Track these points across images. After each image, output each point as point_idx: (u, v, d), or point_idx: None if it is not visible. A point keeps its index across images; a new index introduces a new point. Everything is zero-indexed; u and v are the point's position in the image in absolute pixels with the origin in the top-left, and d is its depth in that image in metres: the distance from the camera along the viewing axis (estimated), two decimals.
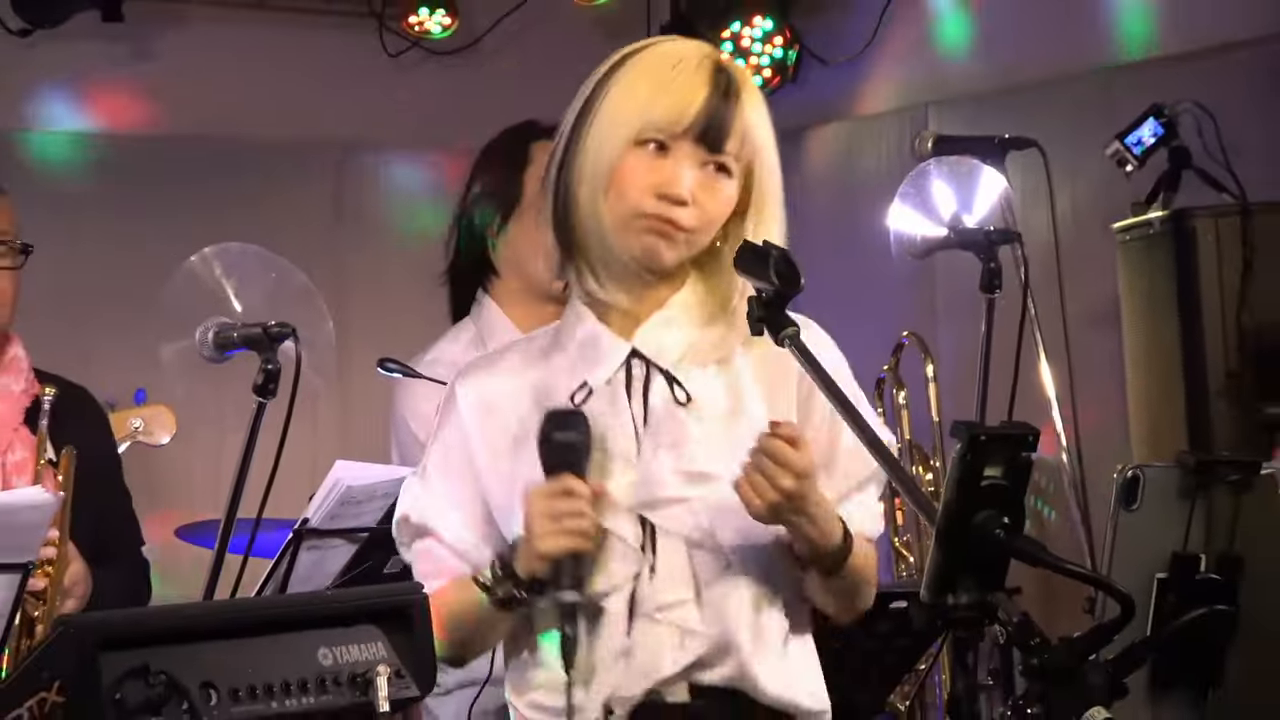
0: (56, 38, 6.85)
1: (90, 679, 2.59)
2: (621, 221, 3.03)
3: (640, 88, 3.07)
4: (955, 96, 7.11)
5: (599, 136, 3.06)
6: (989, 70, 7.14)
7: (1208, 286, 5.75)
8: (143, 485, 4.76)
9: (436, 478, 3.15)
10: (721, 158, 3.05)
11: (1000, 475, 2.65)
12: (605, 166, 3.04)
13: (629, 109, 3.05)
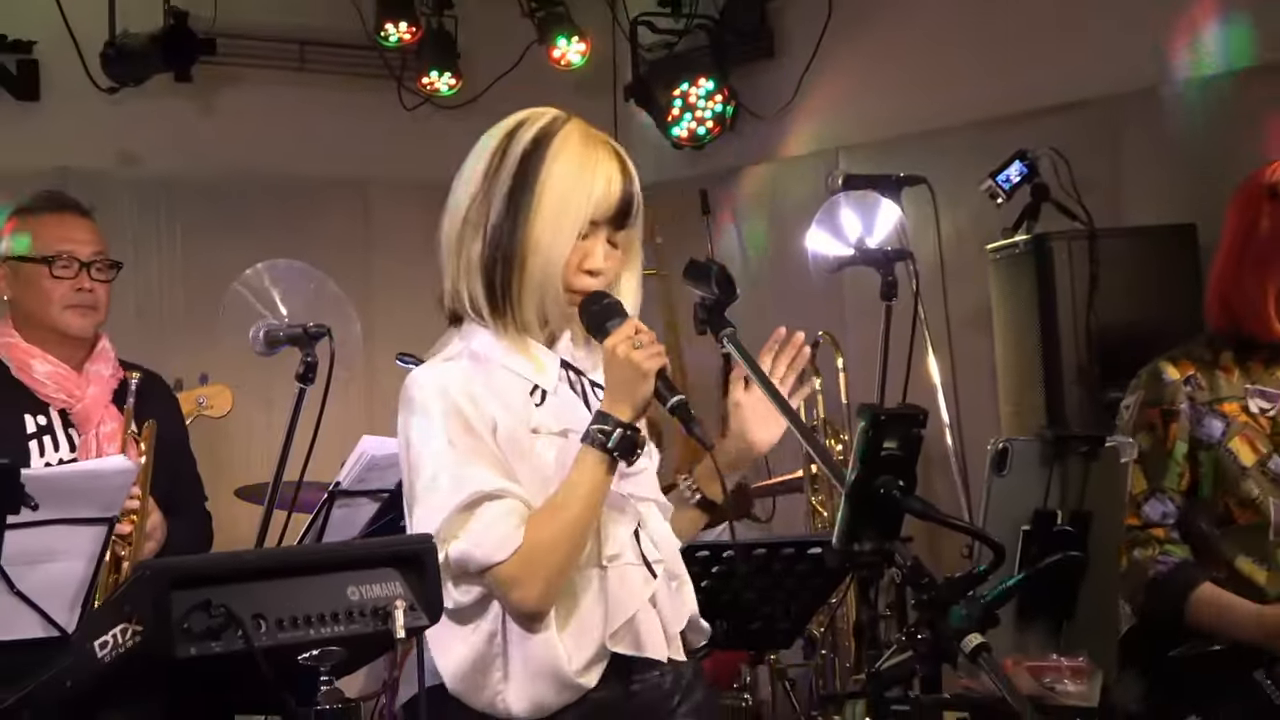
0: (139, 94, 6.81)
1: (162, 612, 2.56)
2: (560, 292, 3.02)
3: (578, 182, 3.04)
4: (860, 143, 7.10)
5: (550, 222, 3.02)
6: (888, 121, 7.12)
7: (1062, 296, 5.74)
8: (208, 454, 4.74)
9: (465, 455, 3.00)
10: (622, 234, 3.07)
11: (896, 447, 2.66)
12: (560, 252, 3.00)
13: (574, 204, 3.02)
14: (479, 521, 2.95)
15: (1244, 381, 3.70)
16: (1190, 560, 3.69)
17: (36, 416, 4.40)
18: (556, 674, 3.00)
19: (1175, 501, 3.72)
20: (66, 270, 4.40)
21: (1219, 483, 3.69)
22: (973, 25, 6.86)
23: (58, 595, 3.83)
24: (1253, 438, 3.68)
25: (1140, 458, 3.74)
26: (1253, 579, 3.67)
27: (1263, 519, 3.66)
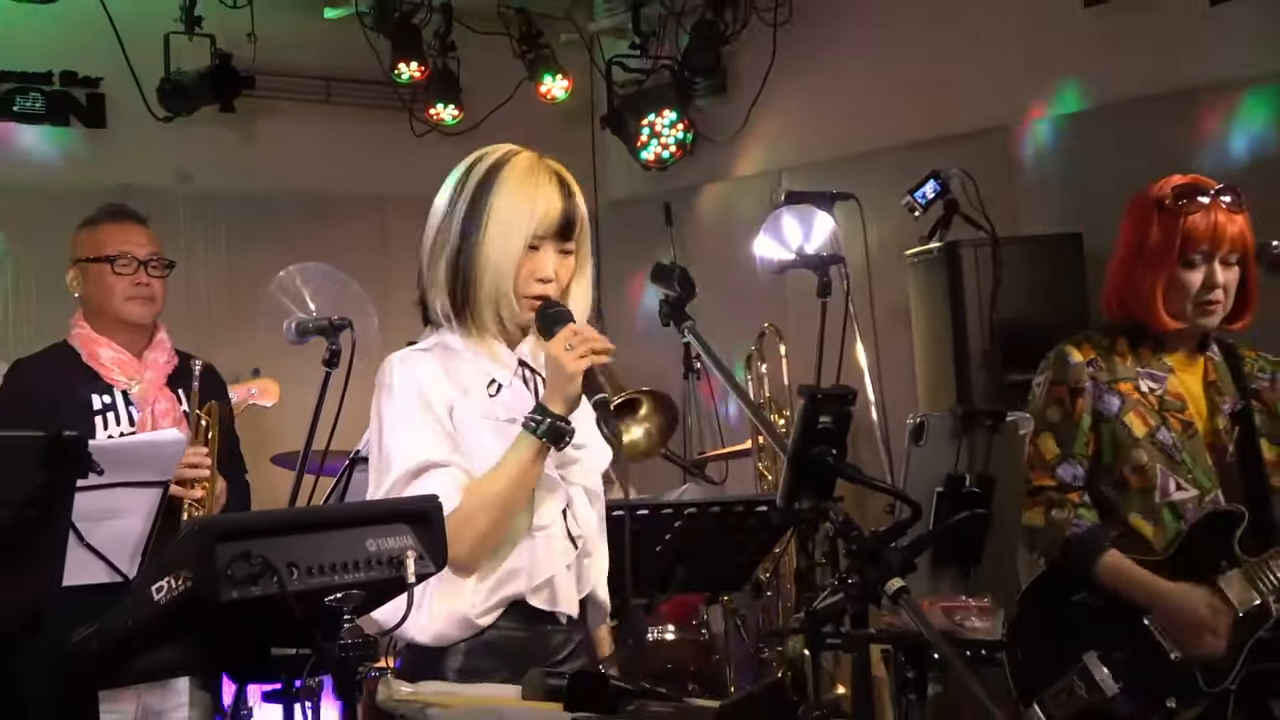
0: (189, 123, 6.78)
1: (209, 561, 2.55)
2: (512, 298, 3.05)
3: (520, 206, 3.06)
4: (800, 164, 7.09)
5: (497, 243, 3.06)
6: (823, 146, 7.12)
7: (969, 294, 5.73)
8: (250, 427, 4.75)
9: (419, 428, 3.07)
10: (569, 245, 3.07)
11: (830, 421, 2.65)
12: (507, 267, 3.04)
13: (516, 225, 3.05)
14: (423, 485, 2.99)
15: (1135, 365, 3.69)
16: (1100, 525, 3.67)
17: (101, 396, 4.39)
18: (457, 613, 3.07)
19: (1083, 466, 3.70)
20: (126, 268, 4.41)
21: (1116, 451, 3.68)
22: (895, 66, 6.85)
23: (121, 547, 3.82)
24: (1143, 413, 3.66)
25: (1052, 428, 3.73)
26: (1142, 533, 3.66)
27: (1151, 483, 3.65)
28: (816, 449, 2.64)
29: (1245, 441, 3.68)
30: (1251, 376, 3.74)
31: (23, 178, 6.59)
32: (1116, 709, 3.62)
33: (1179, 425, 3.66)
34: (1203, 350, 3.74)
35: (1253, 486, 3.65)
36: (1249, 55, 5.68)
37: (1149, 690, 3.61)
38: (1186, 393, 3.70)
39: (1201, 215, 3.58)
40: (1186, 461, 3.65)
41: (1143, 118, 5.95)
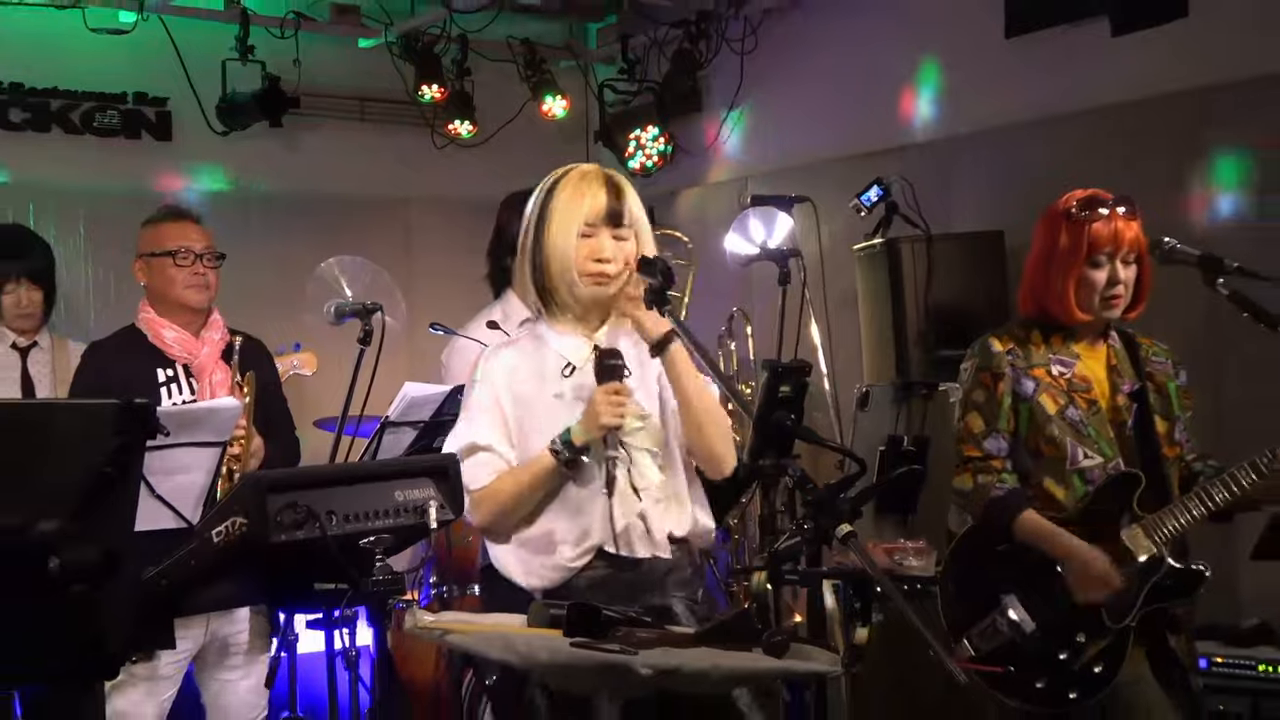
0: (243, 136, 6.77)
1: (261, 509, 2.54)
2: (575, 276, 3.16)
3: (573, 202, 3.18)
4: (763, 172, 7.08)
5: (558, 233, 3.17)
6: (783, 156, 7.12)
7: (907, 282, 5.74)
8: (295, 395, 4.74)
9: (480, 416, 3.17)
10: (623, 231, 3.16)
11: (790, 390, 2.66)
12: (568, 250, 3.15)
13: (571, 216, 3.17)
14: (471, 461, 3.13)
15: (1048, 353, 3.73)
16: (1019, 488, 3.70)
17: (166, 369, 4.40)
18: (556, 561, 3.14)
19: (1005, 439, 3.73)
20: (185, 260, 4.43)
21: (1032, 426, 3.71)
22: (845, 88, 6.82)
23: (185, 498, 3.83)
24: (1054, 394, 3.69)
25: (978, 407, 3.76)
26: (1055, 495, 3.69)
27: (1062, 453, 3.68)
28: (777, 414, 2.66)
29: (1141, 417, 3.72)
30: (1146, 360, 3.78)
31: (101, 184, 6.57)
32: (1032, 643, 3.65)
33: (1085, 404, 3.70)
34: (1105, 339, 3.78)
35: (1148, 455, 3.70)
36: (1147, 79, 5.68)
37: (1061, 627, 3.63)
38: (1091, 376, 3.74)
39: (1103, 223, 3.64)
40: (1092, 434, 3.69)
41: (1055, 134, 5.95)
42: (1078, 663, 3.61)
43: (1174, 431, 3.74)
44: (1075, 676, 3.61)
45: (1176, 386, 3.78)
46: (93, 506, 2.29)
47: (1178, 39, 5.58)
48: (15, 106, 6.48)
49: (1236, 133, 5.40)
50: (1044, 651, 3.63)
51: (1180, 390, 3.79)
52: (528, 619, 2.78)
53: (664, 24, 7.34)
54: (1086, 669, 3.60)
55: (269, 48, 6.75)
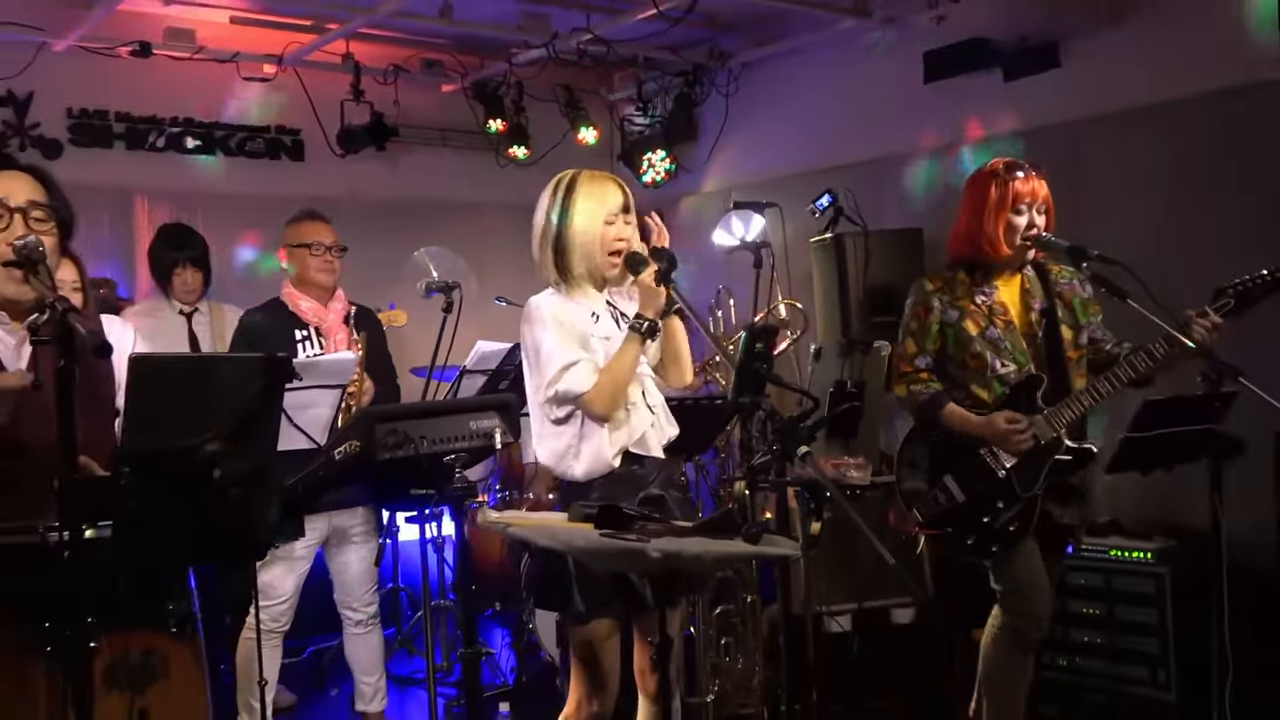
0: (358, 158, 6.76)
1: (371, 434, 2.53)
2: (601, 257, 3.12)
3: (596, 198, 3.14)
4: (743, 184, 7.07)
5: (584, 222, 3.12)
6: (758, 172, 7.10)
7: (850, 266, 5.73)
8: (397, 350, 4.72)
9: (559, 341, 3.08)
10: (630, 216, 3.13)
11: (763, 347, 2.63)
12: (594, 236, 3.12)
13: (597, 210, 3.13)
14: (572, 373, 3.05)
15: (971, 287, 3.68)
16: (942, 390, 3.67)
17: (301, 330, 4.40)
18: (600, 458, 3.08)
19: (931, 355, 3.69)
20: (318, 251, 4.43)
21: (959, 345, 3.66)
22: (804, 121, 6.81)
23: (316, 426, 3.83)
24: (976, 318, 3.64)
25: (912, 334, 3.72)
26: (980, 396, 3.64)
27: (984, 365, 3.63)
28: (754, 364, 2.64)
29: (1049, 330, 3.66)
30: (1055, 283, 3.72)
31: (251, 193, 6.56)
32: (963, 508, 3.65)
33: (1002, 324, 3.65)
34: (1020, 270, 3.72)
35: (1054, 361, 3.64)
36: (1031, 115, 5.67)
37: (985, 496, 3.62)
38: (1007, 300, 3.68)
39: (1023, 181, 3.61)
40: (1008, 347, 3.63)
41: (960, 156, 5.93)
42: (997, 523, 3.58)
43: (1080, 336, 3.66)
44: (996, 534, 3.59)
45: (1080, 299, 3.70)
46: (246, 432, 2.29)
47: (1053, 83, 5.61)
48: (188, 135, 6.48)
49: (1101, 152, 5.40)
50: (972, 516, 3.61)
51: (1084, 301, 3.70)
52: (568, 516, 2.79)
53: (669, 74, 7.32)
54: (1004, 528, 3.58)
55: (376, 92, 6.74)
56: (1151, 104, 5.22)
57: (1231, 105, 4.94)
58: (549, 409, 3.08)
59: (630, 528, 2.60)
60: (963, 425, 3.61)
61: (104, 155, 6.23)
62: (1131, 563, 4.56)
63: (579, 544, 2.54)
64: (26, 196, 2.57)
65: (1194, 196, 5.08)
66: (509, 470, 5.15)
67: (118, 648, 2.33)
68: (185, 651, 2.43)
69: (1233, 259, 4.69)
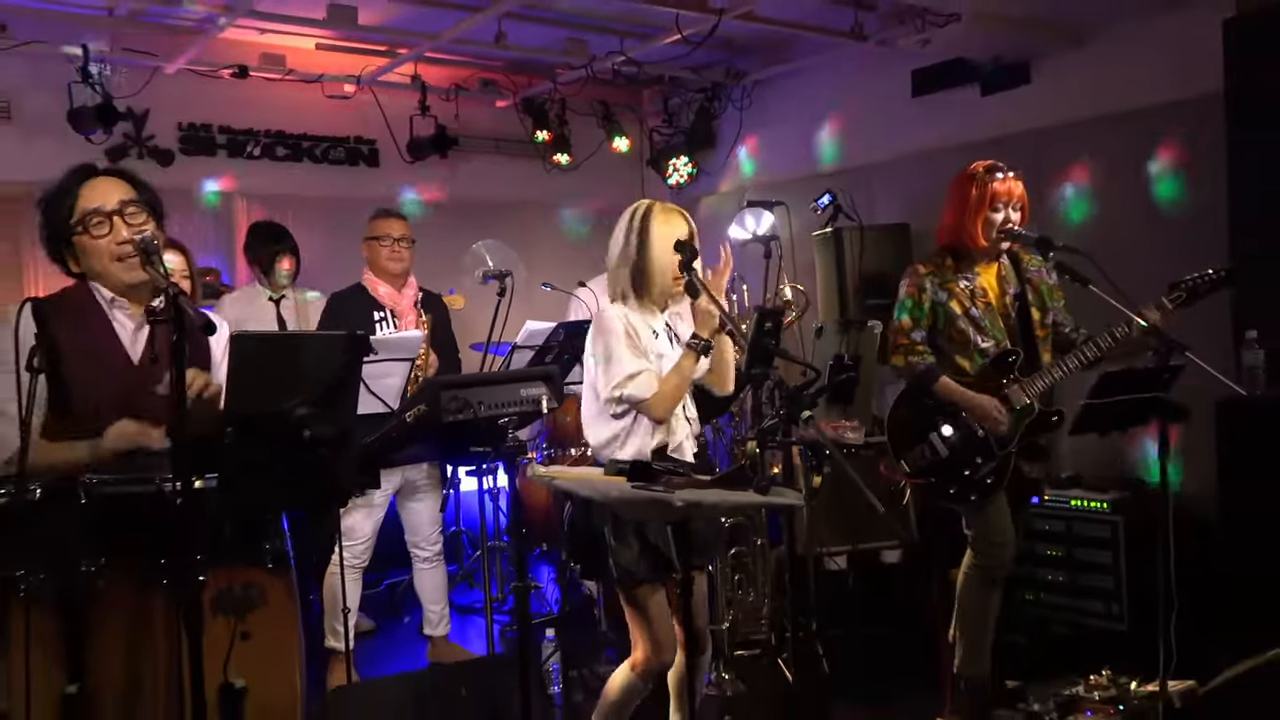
0: (423, 165, 6.75)
1: (435, 399, 2.53)
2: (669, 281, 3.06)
3: (668, 233, 3.06)
4: (754, 185, 7.01)
5: (661, 254, 3.06)
6: (768, 176, 7.05)
7: (847, 256, 5.69)
8: (459, 328, 4.74)
9: (628, 351, 3.03)
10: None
11: (771, 325, 2.60)
12: (667, 267, 3.05)
13: (667, 239, 3.05)
14: (637, 381, 3.00)
15: (956, 272, 3.66)
16: (934, 363, 3.65)
17: (378, 311, 4.42)
18: (641, 453, 3.05)
19: (925, 330, 3.67)
20: (387, 243, 4.43)
21: (946, 322, 3.65)
22: (807, 131, 6.75)
23: (390, 392, 3.84)
24: (961, 299, 3.63)
25: (908, 310, 3.69)
26: (963, 366, 3.63)
27: (967, 340, 3.62)
28: (764, 340, 2.63)
29: (1021, 311, 3.65)
30: (1026, 270, 3.70)
31: (331, 195, 6.55)
32: (947, 461, 3.63)
33: (982, 305, 3.63)
34: (997, 260, 3.70)
35: (1026, 338, 3.64)
36: (1005, 124, 5.62)
37: (966, 452, 3.60)
38: (987, 285, 3.67)
39: (1000, 182, 3.58)
40: (987, 325, 3.62)
41: (943, 160, 5.86)
42: (977, 476, 3.57)
43: (1046, 317, 3.65)
44: (975, 485, 3.58)
45: (1047, 285, 3.69)
46: (330, 399, 2.30)
47: (1024, 97, 5.55)
48: (280, 145, 6.47)
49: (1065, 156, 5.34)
50: (954, 469, 3.60)
51: (1050, 287, 3.69)
52: (604, 471, 2.79)
53: (691, 91, 7.26)
54: (982, 480, 3.57)
55: (440, 108, 6.71)
56: (1109, 114, 5.17)
57: (1177, 116, 4.88)
58: (610, 406, 3.06)
59: (657, 480, 2.60)
60: (951, 396, 3.60)
61: (208, 163, 6.25)
62: (1090, 512, 4.53)
63: (614, 494, 2.55)
64: (118, 198, 2.54)
65: (1144, 198, 5.03)
66: (554, 431, 5.15)
67: (223, 580, 2.35)
68: (280, 584, 2.45)
69: (1178, 253, 4.66)
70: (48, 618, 2.18)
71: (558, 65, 6.72)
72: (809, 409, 2.59)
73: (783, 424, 2.68)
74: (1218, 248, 4.35)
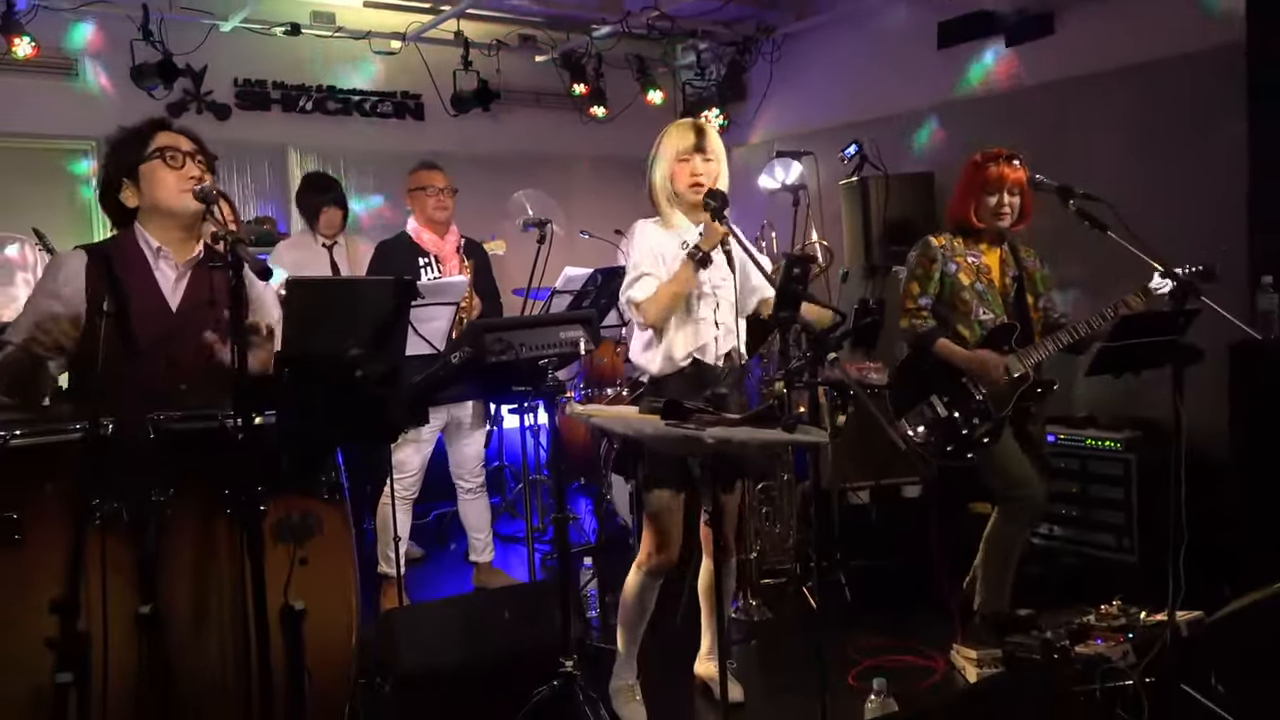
0: (468, 117, 6.71)
1: (480, 341, 2.54)
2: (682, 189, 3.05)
3: (671, 141, 3.08)
4: (783, 136, 6.92)
5: (662, 166, 3.09)
6: (796, 126, 6.95)
7: (873, 204, 5.63)
8: (500, 274, 4.73)
9: (645, 257, 3.05)
10: (708, 156, 3.03)
11: (799, 272, 2.58)
12: (667, 175, 3.07)
13: (670, 149, 3.06)
14: (640, 283, 3.04)
15: (964, 248, 3.68)
16: (936, 326, 3.66)
17: (423, 258, 4.41)
18: (671, 358, 3.06)
19: (931, 298, 3.68)
20: (432, 193, 4.41)
21: (952, 292, 3.66)
22: (834, 83, 6.63)
23: (436, 335, 3.85)
24: (968, 273, 3.65)
25: (918, 279, 3.69)
26: (965, 335, 3.64)
27: (970, 310, 3.64)
28: (792, 285, 2.60)
29: (1018, 292, 3.68)
30: (1023, 259, 3.73)
31: (380, 148, 6.54)
32: (945, 421, 3.61)
33: (985, 281, 3.66)
34: (1000, 244, 3.71)
35: (1022, 314, 3.66)
36: (1028, 75, 5.50)
37: (964, 413, 3.60)
38: (990, 264, 3.69)
39: (994, 168, 3.59)
40: (989, 300, 3.65)
41: (968, 110, 5.77)
42: (974, 435, 3.58)
43: (1039, 301, 3.69)
44: (971, 444, 3.58)
45: (1041, 275, 3.74)
46: (380, 340, 2.31)
47: (1048, 48, 5.43)
48: (330, 100, 6.46)
49: (1088, 107, 5.21)
50: (952, 428, 3.60)
51: (1044, 277, 3.74)
52: (639, 409, 2.80)
53: (722, 44, 7.15)
54: (978, 440, 3.58)
55: (481, 62, 6.65)
56: (1132, 65, 5.04)
57: (1200, 66, 4.75)
58: (627, 310, 3.10)
59: (689, 419, 2.60)
60: (951, 356, 3.62)
61: (263, 117, 6.25)
62: (1103, 450, 4.50)
63: (648, 431, 2.56)
64: (190, 146, 2.60)
65: (1166, 147, 4.92)
66: (591, 371, 5.17)
67: (282, 509, 2.38)
68: (335, 513, 2.49)
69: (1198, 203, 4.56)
70: (121, 544, 2.23)
71: (594, 20, 6.63)
72: (834, 351, 2.57)
73: (809, 365, 2.66)
74: (1238, 198, 4.26)
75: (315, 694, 2.32)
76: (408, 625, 3.08)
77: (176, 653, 2.24)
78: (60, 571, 2.08)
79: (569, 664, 2.88)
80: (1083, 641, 3.20)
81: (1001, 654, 3.36)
